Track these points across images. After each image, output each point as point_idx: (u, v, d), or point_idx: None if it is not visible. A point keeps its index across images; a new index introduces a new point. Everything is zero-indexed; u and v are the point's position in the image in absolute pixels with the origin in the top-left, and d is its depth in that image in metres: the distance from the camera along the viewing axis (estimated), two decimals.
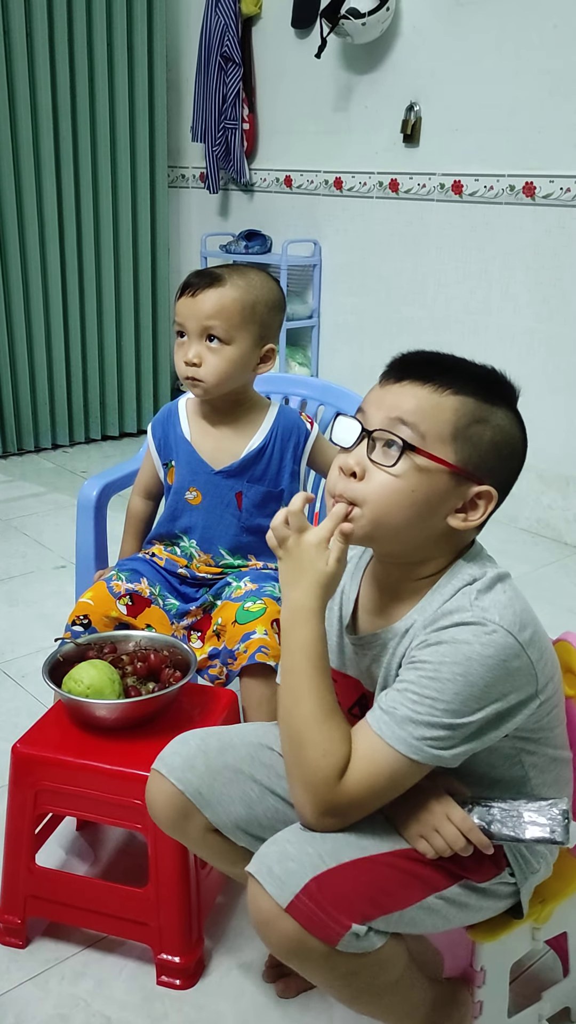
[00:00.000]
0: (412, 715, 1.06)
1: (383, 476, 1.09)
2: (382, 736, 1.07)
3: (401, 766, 1.07)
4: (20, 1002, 1.47)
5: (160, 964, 1.50)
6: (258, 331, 1.67)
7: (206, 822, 1.24)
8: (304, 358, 4.20)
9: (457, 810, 1.13)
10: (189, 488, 1.76)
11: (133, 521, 1.91)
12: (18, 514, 3.54)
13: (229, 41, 4.00)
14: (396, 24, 3.48)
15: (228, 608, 1.68)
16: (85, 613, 1.70)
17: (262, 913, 1.07)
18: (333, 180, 3.91)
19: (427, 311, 3.63)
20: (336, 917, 1.04)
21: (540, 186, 3.17)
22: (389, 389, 1.12)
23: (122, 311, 4.39)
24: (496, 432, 1.11)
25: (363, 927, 1.05)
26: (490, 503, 1.12)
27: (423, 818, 1.13)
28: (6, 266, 3.95)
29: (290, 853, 1.07)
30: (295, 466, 1.76)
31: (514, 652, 1.06)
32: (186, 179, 4.67)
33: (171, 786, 1.23)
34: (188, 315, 1.65)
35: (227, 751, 1.27)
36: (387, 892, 1.09)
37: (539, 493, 3.37)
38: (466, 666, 1.05)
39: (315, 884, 1.05)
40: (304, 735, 1.08)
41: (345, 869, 1.07)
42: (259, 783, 1.25)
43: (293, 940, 1.05)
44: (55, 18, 3.82)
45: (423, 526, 1.11)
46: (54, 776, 1.49)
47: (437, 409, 1.08)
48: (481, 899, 1.17)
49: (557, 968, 1.50)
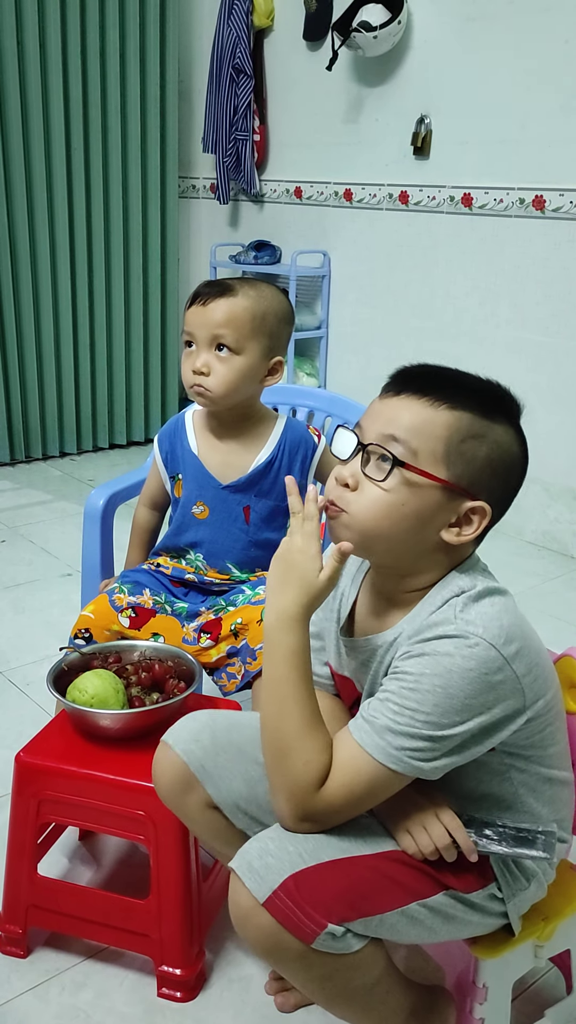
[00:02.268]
0: (392, 725, 1.06)
1: (374, 489, 1.10)
2: (362, 745, 1.07)
3: (380, 775, 1.07)
4: (20, 1012, 1.46)
5: (161, 976, 1.49)
6: (267, 342, 1.66)
7: (206, 797, 1.25)
8: (312, 369, 4.20)
9: (447, 811, 1.14)
10: (196, 502, 1.75)
11: (139, 532, 1.90)
12: (25, 521, 3.54)
13: (241, 53, 4.02)
14: (407, 37, 3.50)
15: (250, 609, 1.68)
16: (87, 627, 1.70)
17: (240, 907, 1.08)
18: (343, 192, 3.92)
19: (435, 323, 3.63)
20: (312, 915, 1.04)
21: (550, 200, 3.18)
22: (387, 402, 1.13)
23: (131, 320, 4.40)
24: (492, 448, 1.10)
25: (340, 928, 1.05)
26: (484, 519, 1.12)
27: (412, 813, 1.14)
28: (16, 275, 3.97)
29: (270, 849, 1.08)
30: (302, 479, 1.76)
31: (496, 665, 1.06)
32: (196, 190, 4.68)
33: (176, 756, 1.25)
34: (198, 324, 1.65)
35: (234, 730, 1.29)
36: (366, 895, 1.09)
37: (545, 506, 3.36)
38: (446, 678, 1.05)
39: (293, 881, 1.05)
40: (287, 744, 1.09)
41: (324, 868, 1.08)
42: (261, 765, 1.25)
43: (269, 936, 1.06)
44: (68, 29, 3.84)
45: (415, 539, 1.11)
46: (57, 786, 1.48)
47: (430, 425, 1.08)
48: (469, 912, 1.16)
49: (560, 986, 1.49)
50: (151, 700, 1.53)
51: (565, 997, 1.46)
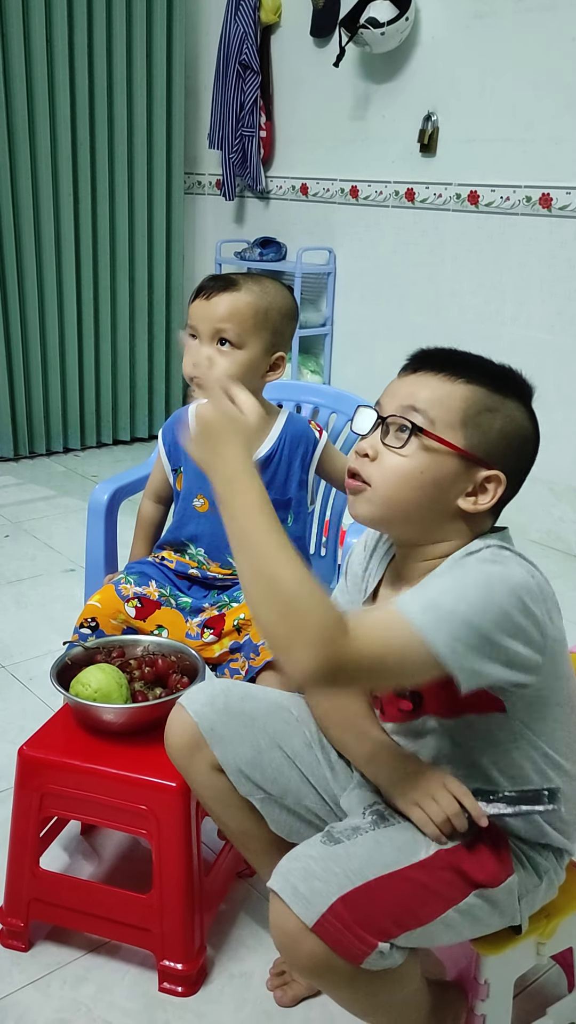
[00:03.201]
0: (436, 599, 1.02)
1: (394, 457, 1.14)
2: (402, 611, 1.01)
3: (413, 643, 0.99)
4: (21, 1006, 1.46)
5: (162, 971, 1.49)
6: (270, 338, 1.67)
7: (213, 759, 1.28)
8: (317, 366, 4.20)
9: (453, 780, 1.15)
10: (197, 495, 1.76)
11: (144, 525, 1.91)
12: (28, 517, 3.54)
13: (248, 49, 4.02)
14: (415, 34, 3.49)
15: None
16: (93, 616, 1.70)
17: (287, 932, 1.06)
18: (349, 189, 3.91)
19: (440, 321, 3.63)
20: (363, 936, 1.04)
21: (557, 198, 3.17)
22: (405, 380, 1.18)
23: (136, 316, 4.40)
24: (506, 421, 1.14)
25: (387, 945, 1.05)
26: (499, 487, 1.14)
27: (420, 784, 1.15)
28: (22, 270, 3.97)
29: (315, 872, 1.07)
30: (303, 474, 1.76)
31: (528, 589, 1.06)
32: (202, 186, 4.68)
33: (188, 717, 1.29)
34: (201, 317, 1.65)
35: (248, 700, 1.33)
36: (410, 909, 1.09)
37: (550, 505, 3.36)
38: (488, 580, 1.05)
39: (341, 904, 1.05)
40: (291, 592, 0.97)
41: (370, 888, 1.07)
42: (270, 735, 1.30)
43: (319, 959, 1.05)
44: (75, 24, 3.84)
45: (433, 507, 1.14)
46: (60, 780, 1.48)
47: (448, 397, 1.13)
48: (492, 914, 1.17)
49: (562, 983, 1.49)
50: (154, 695, 1.53)
51: (567, 995, 1.46)
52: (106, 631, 1.69)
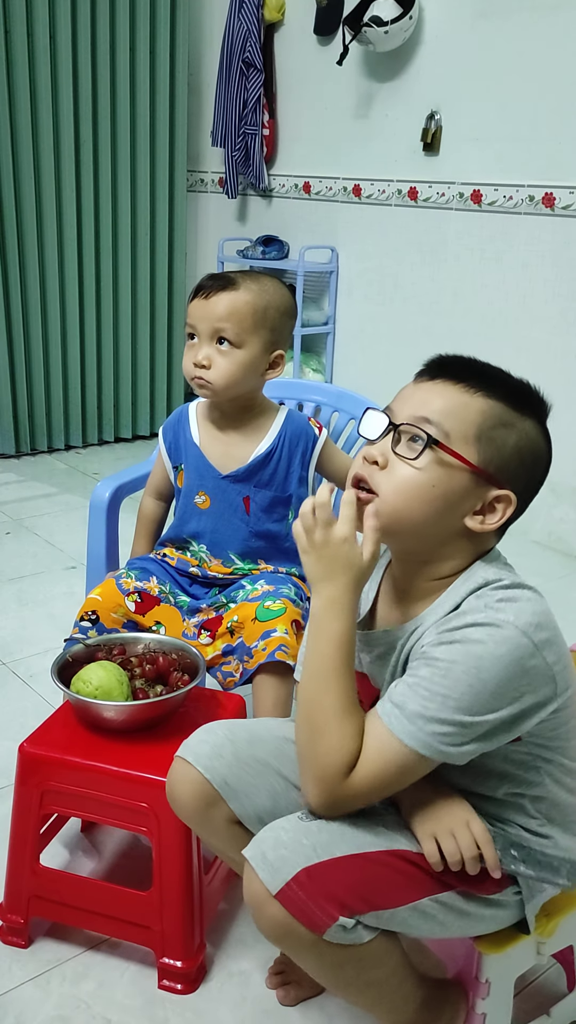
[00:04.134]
0: (423, 711, 1.06)
1: (405, 468, 1.10)
2: (392, 730, 1.07)
3: (410, 760, 1.07)
4: (21, 1002, 1.46)
5: (162, 968, 1.49)
6: (269, 336, 1.67)
7: (230, 813, 1.25)
8: (319, 365, 4.20)
9: (479, 823, 1.13)
10: (198, 492, 1.76)
11: (145, 522, 1.91)
12: (30, 514, 3.54)
13: (251, 46, 4.02)
14: (418, 33, 3.49)
15: (246, 607, 1.68)
16: (94, 609, 1.70)
17: (254, 897, 1.09)
18: (352, 187, 3.91)
19: (443, 320, 3.63)
20: (324, 908, 1.05)
21: (560, 197, 3.17)
22: (421, 386, 1.14)
23: (138, 314, 4.40)
24: (521, 439, 1.12)
25: (351, 920, 1.06)
26: (508, 507, 1.12)
27: (443, 818, 1.13)
28: (24, 268, 3.97)
29: (284, 841, 1.09)
30: (303, 471, 1.76)
31: (528, 652, 1.06)
32: (205, 184, 4.68)
33: (197, 774, 1.24)
34: (200, 316, 1.65)
35: (256, 743, 1.28)
36: (378, 890, 1.09)
37: (551, 506, 3.35)
38: (478, 664, 1.05)
39: (305, 874, 1.06)
40: (323, 726, 1.09)
41: (337, 863, 1.08)
42: (285, 778, 1.27)
43: (281, 925, 1.07)
44: (79, 22, 3.84)
45: (440, 523, 1.12)
46: (60, 776, 1.48)
47: (464, 409, 1.10)
48: (482, 907, 1.16)
49: (562, 982, 1.49)
50: (155, 692, 1.53)
51: (567, 994, 1.45)
52: (106, 624, 1.69)
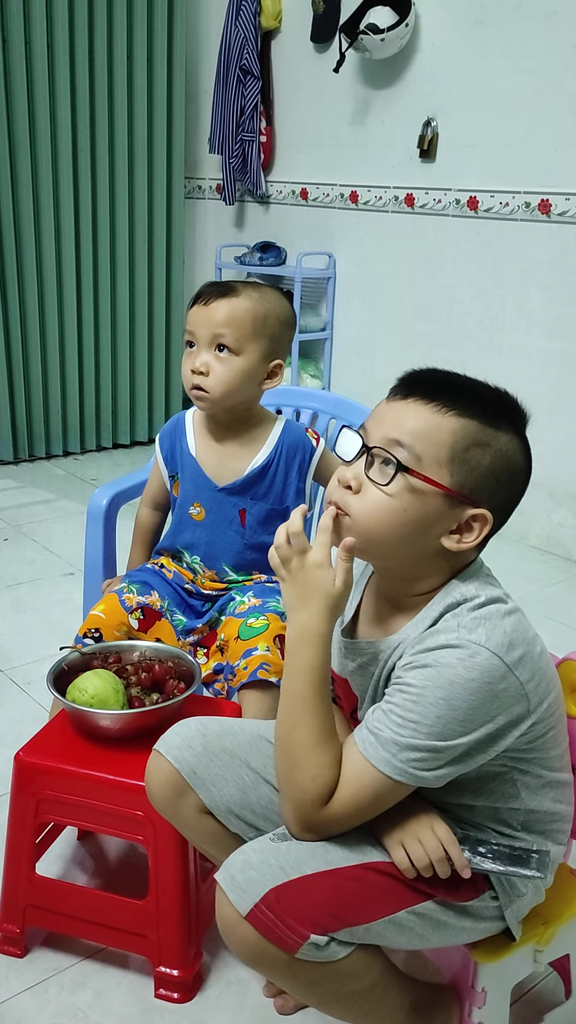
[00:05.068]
0: (396, 737, 1.06)
1: (377, 493, 1.09)
2: (367, 757, 1.08)
3: (385, 787, 1.08)
4: (18, 1012, 1.46)
5: (159, 977, 1.49)
6: (268, 345, 1.66)
7: (199, 803, 1.25)
8: (316, 371, 4.20)
9: (442, 825, 1.14)
10: (193, 503, 1.75)
11: (141, 531, 1.90)
12: (27, 520, 3.54)
13: (248, 54, 4.02)
14: (415, 40, 3.50)
15: (231, 624, 1.68)
16: (97, 626, 1.69)
17: (224, 919, 1.10)
18: (349, 194, 3.92)
19: (440, 327, 3.63)
20: (294, 927, 1.05)
21: (556, 204, 3.17)
22: (393, 405, 1.12)
23: (136, 319, 4.40)
24: (496, 457, 1.10)
25: (323, 938, 1.06)
26: (485, 526, 1.11)
27: (407, 825, 1.14)
28: (22, 273, 3.97)
29: (253, 863, 1.09)
30: (300, 483, 1.75)
31: (499, 674, 1.06)
32: (202, 190, 4.69)
33: (167, 764, 1.26)
34: (199, 323, 1.65)
35: (226, 736, 1.29)
36: (349, 906, 1.09)
37: (549, 511, 3.36)
38: (449, 690, 1.05)
39: (274, 895, 1.06)
40: (298, 758, 1.10)
41: (306, 881, 1.08)
42: (254, 771, 1.27)
43: (253, 947, 1.07)
44: (76, 28, 3.84)
45: (415, 545, 1.11)
46: (56, 785, 1.48)
47: (436, 431, 1.08)
48: (461, 918, 1.16)
49: (559, 991, 1.49)
50: (151, 700, 1.53)
51: (564, 1002, 1.45)
52: (108, 641, 1.68)
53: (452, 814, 1.18)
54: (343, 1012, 1.18)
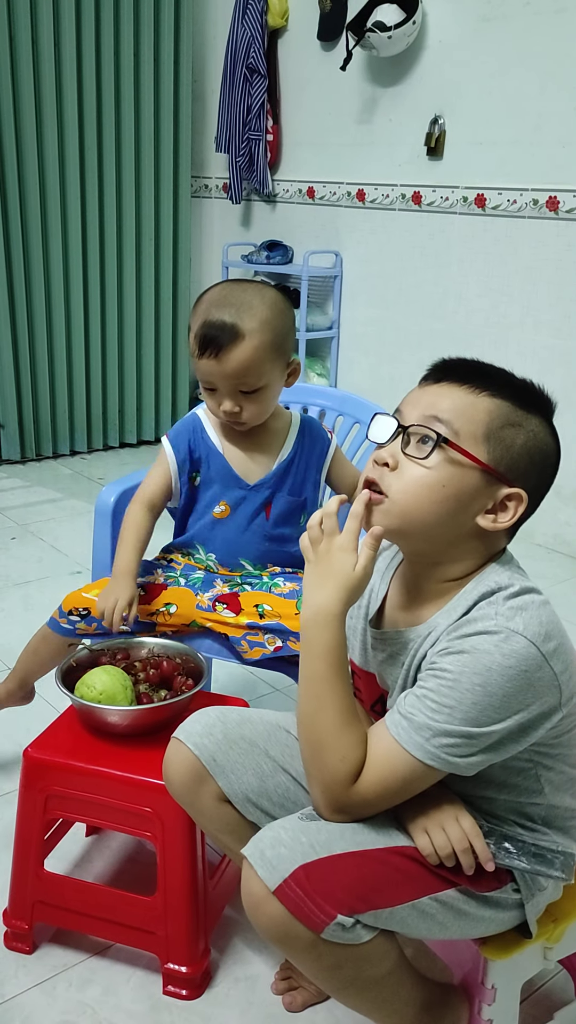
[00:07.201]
0: (430, 722, 1.06)
1: (415, 468, 1.11)
2: (399, 741, 1.08)
3: (416, 771, 1.08)
4: (27, 1008, 1.46)
5: (167, 974, 1.49)
6: (283, 358, 1.66)
7: (218, 791, 1.26)
8: (323, 369, 4.20)
9: (468, 817, 1.13)
10: (219, 502, 1.73)
11: (135, 532, 1.74)
12: (35, 519, 3.55)
13: (255, 52, 4.02)
14: (422, 38, 3.49)
15: (277, 599, 1.67)
16: (87, 606, 1.69)
17: (252, 895, 1.09)
18: (356, 192, 3.91)
19: (448, 324, 3.63)
20: (322, 906, 1.05)
21: (564, 201, 3.16)
22: (427, 389, 1.15)
23: (143, 319, 4.40)
24: (529, 437, 1.12)
25: (349, 919, 1.06)
26: (520, 506, 1.12)
27: (433, 813, 1.14)
28: (29, 274, 3.98)
29: (283, 839, 1.09)
30: (317, 475, 1.76)
31: (536, 663, 1.06)
32: (209, 189, 4.69)
33: (187, 751, 1.26)
34: (216, 376, 1.62)
35: (245, 724, 1.31)
36: (376, 888, 1.09)
37: (556, 509, 3.35)
38: (485, 676, 1.05)
39: (303, 872, 1.06)
40: (323, 740, 1.10)
41: (335, 860, 1.08)
42: (273, 759, 1.28)
43: (279, 924, 1.07)
44: (83, 28, 3.85)
45: (452, 523, 1.12)
46: (65, 781, 1.48)
47: (472, 409, 1.10)
48: (482, 908, 1.16)
49: (569, 988, 1.49)
50: (159, 697, 1.53)
51: (574, 1000, 1.45)
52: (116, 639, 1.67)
53: (474, 806, 1.18)
54: (358, 1000, 1.19)
